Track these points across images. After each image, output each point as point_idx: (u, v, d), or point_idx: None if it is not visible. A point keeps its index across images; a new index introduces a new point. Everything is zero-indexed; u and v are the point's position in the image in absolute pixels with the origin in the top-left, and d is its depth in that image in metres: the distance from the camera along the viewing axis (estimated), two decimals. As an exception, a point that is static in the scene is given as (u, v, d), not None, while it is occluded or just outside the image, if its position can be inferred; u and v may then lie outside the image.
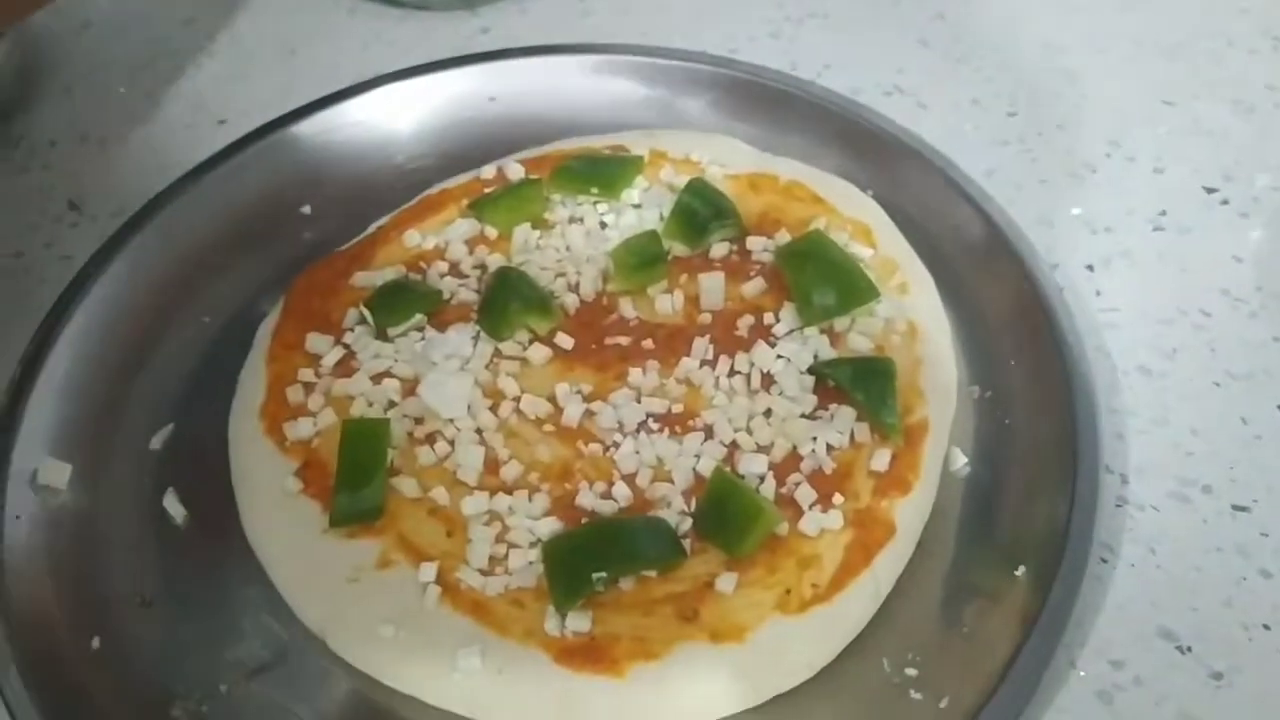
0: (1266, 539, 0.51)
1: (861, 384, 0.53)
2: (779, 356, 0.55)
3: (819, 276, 0.56)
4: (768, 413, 0.53)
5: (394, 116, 0.68)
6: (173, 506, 0.53)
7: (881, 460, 0.51)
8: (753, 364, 0.55)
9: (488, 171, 0.65)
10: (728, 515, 0.50)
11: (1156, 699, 0.47)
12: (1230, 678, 0.47)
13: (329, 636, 0.49)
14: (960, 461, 0.53)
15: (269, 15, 0.79)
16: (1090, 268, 0.62)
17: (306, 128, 0.67)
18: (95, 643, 0.49)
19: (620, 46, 0.71)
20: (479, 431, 0.54)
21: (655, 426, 0.54)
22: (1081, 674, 0.48)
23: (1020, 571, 0.48)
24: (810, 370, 0.55)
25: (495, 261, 0.60)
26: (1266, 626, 0.49)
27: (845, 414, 0.53)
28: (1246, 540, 0.51)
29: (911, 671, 0.47)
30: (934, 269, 0.59)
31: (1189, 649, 0.48)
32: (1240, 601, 0.50)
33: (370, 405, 0.55)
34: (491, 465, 0.53)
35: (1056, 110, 0.71)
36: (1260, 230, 0.63)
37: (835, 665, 0.47)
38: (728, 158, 0.65)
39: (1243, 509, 0.52)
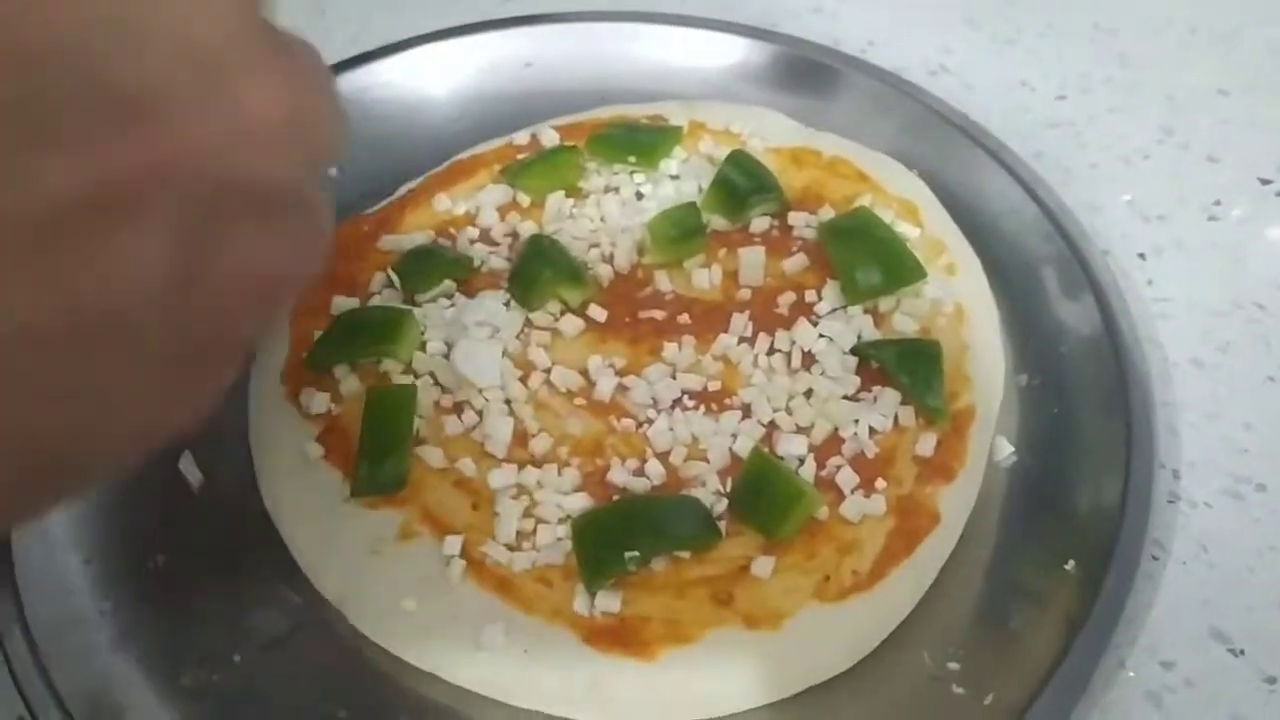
0: (1323, 540, 0.49)
1: (906, 366, 0.51)
2: (821, 335, 0.53)
3: (864, 254, 0.54)
4: (808, 393, 0.52)
5: (426, 79, 0.66)
6: (189, 469, 0.52)
7: (926, 445, 0.50)
8: (793, 342, 0.53)
9: (521, 137, 0.63)
10: (766, 496, 0.48)
11: (1207, 702, 0.45)
12: (1284, 682, 0.46)
13: (348, 608, 0.47)
14: (1006, 451, 0.51)
15: (298, -27, 0.77)
16: (1142, 256, 0.60)
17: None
18: (106, 606, 0.47)
19: (661, 15, 0.69)
20: (508, 402, 0.52)
21: (690, 404, 0.52)
22: (1131, 674, 0.46)
23: (1070, 566, 0.46)
24: (853, 351, 0.53)
25: (527, 229, 0.58)
26: (1322, 631, 0.47)
27: (889, 396, 0.51)
28: (1303, 541, 0.49)
29: (954, 666, 0.45)
30: (981, 252, 0.57)
31: (1241, 651, 0.46)
32: (1296, 604, 0.48)
33: (400, 371, 0.53)
34: (520, 438, 0.51)
35: (1107, 95, 0.68)
36: (1318, 224, 0.61)
37: (874, 656, 0.46)
38: (769, 131, 0.63)
39: (1299, 509, 0.50)
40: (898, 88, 0.65)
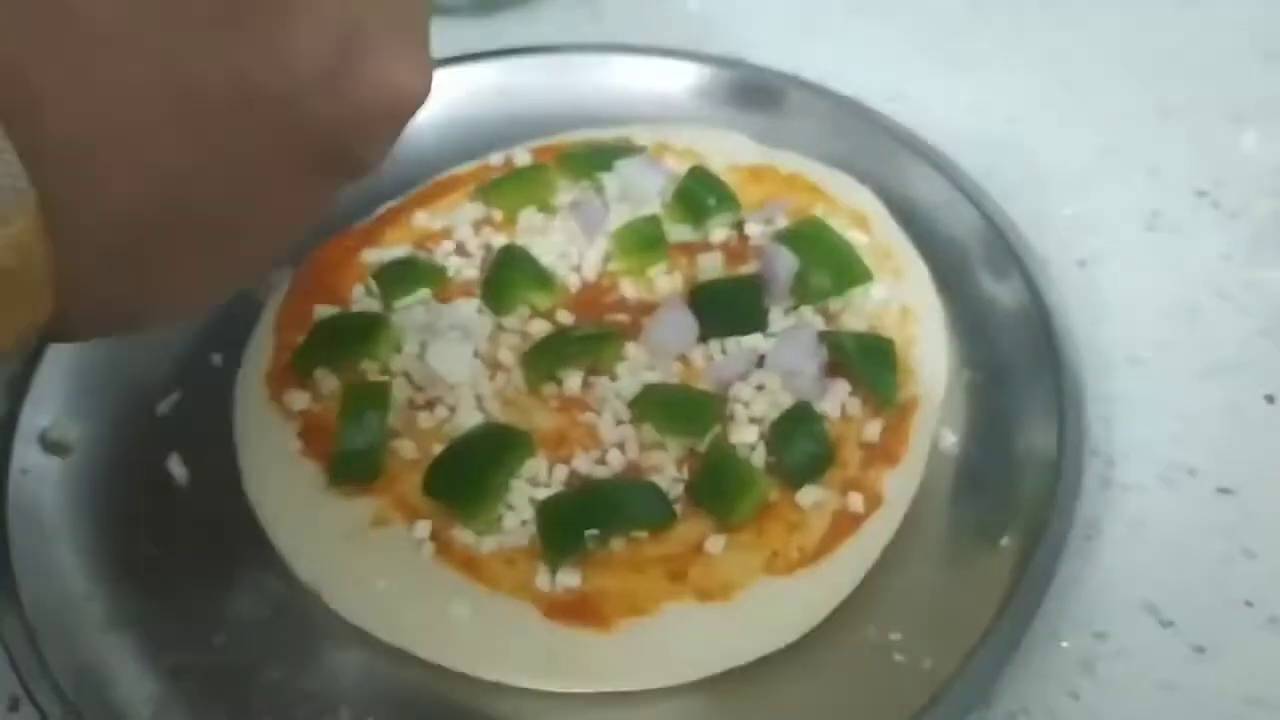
0: (1251, 520, 0.52)
1: (867, 356, 0.54)
2: (770, 335, 0.56)
3: (816, 259, 0.58)
4: (760, 386, 0.55)
5: (408, 107, 0.70)
6: (176, 468, 0.55)
7: (872, 432, 0.53)
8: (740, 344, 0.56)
9: (496, 159, 0.66)
10: (721, 484, 0.51)
11: (1139, 670, 0.47)
12: (1212, 652, 0.48)
13: (324, 591, 0.50)
14: (950, 440, 0.54)
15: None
16: (1082, 263, 0.63)
17: (322, 116, 0.69)
18: (95, 590, 0.50)
19: (630, 46, 0.73)
20: (479, 398, 0.55)
21: (651, 398, 0.55)
22: (1064, 644, 0.48)
23: (1005, 542, 0.49)
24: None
25: (500, 242, 0.62)
26: (1248, 603, 0.49)
27: (838, 388, 0.54)
28: (1231, 521, 0.52)
29: (895, 636, 0.48)
30: (927, 258, 0.60)
31: (1171, 623, 0.49)
32: (1223, 579, 0.50)
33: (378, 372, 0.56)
34: (490, 431, 0.54)
35: (1055, 117, 0.72)
36: (1249, 231, 0.64)
37: (821, 631, 0.48)
38: (730, 151, 0.66)
39: (1228, 491, 0.53)
40: (853, 111, 0.68)
